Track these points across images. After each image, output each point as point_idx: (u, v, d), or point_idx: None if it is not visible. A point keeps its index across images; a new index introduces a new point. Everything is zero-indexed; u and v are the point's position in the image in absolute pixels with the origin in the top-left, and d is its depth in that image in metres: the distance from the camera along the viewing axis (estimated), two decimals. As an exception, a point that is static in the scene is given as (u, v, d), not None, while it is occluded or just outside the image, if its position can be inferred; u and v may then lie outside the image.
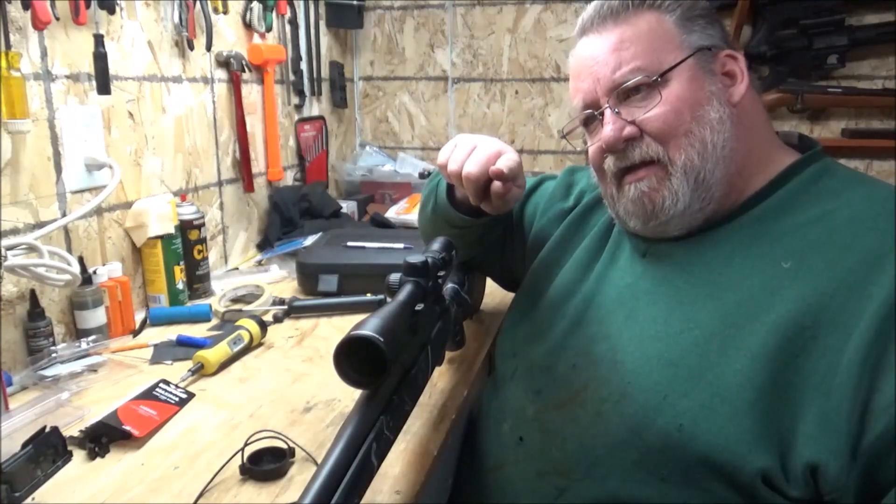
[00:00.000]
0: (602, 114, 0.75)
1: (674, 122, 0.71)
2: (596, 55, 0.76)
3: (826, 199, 0.70)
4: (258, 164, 1.61)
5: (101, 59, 1.08)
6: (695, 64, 0.73)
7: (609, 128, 0.74)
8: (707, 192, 0.72)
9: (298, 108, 1.82)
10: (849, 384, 0.57)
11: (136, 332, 1.14)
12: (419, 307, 0.64)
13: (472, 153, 0.83)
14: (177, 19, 1.28)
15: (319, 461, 0.51)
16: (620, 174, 0.76)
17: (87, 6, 1.05)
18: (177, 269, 1.24)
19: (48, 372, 0.94)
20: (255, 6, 1.55)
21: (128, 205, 1.21)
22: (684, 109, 0.71)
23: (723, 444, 0.61)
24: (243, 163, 1.53)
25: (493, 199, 0.83)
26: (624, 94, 0.74)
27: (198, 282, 1.30)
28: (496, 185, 0.81)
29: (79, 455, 0.77)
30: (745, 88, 0.74)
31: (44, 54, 1.01)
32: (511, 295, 1.01)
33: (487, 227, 0.97)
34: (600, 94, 0.75)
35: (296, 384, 0.95)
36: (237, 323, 1.08)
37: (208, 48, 1.38)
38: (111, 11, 1.10)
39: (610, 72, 0.74)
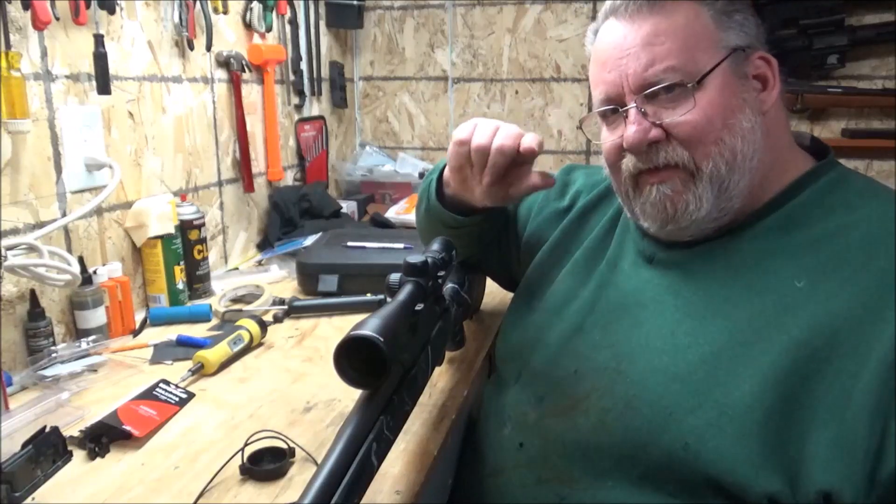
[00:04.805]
0: (626, 111, 0.71)
1: (705, 128, 0.68)
2: (626, 46, 0.70)
3: (840, 213, 0.68)
4: (258, 164, 1.61)
5: (101, 59, 1.08)
6: (728, 67, 0.69)
7: (633, 129, 0.70)
8: (728, 203, 0.70)
9: (298, 108, 1.82)
10: (865, 410, 0.55)
11: (136, 332, 1.13)
12: (419, 307, 0.64)
13: (498, 129, 0.81)
14: (177, 19, 1.28)
15: (319, 461, 0.51)
16: (638, 173, 0.73)
17: (87, 6, 1.05)
18: (177, 269, 1.24)
19: (48, 372, 0.94)
20: (255, 6, 1.55)
21: (128, 205, 1.21)
22: (716, 116, 0.68)
23: (729, 465, 0.59)
24: (243, 163, 1.53)
25: (525, 175, 0.82)
26: (652, 93, 0.69)
27: (198, 282, 1.30)
28: (528, 143, 0.79)
29: (79, 455, 0.77)
30: (776, 96, 0.72)
31: (44, 54, 1.01)
32: (511, 295, 1.01)
33: (483, 227, 0.95)
34: (627, 91, 0.70)
35: (296, 384, 0.95)
36: (237, 323, 1.08)
37: (208, 48, 1.38)
38: (111, 11, 1.10)
39: (641, 68, 0.69)
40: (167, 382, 0.91)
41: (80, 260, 1.06)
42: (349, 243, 1.42)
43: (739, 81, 0.70)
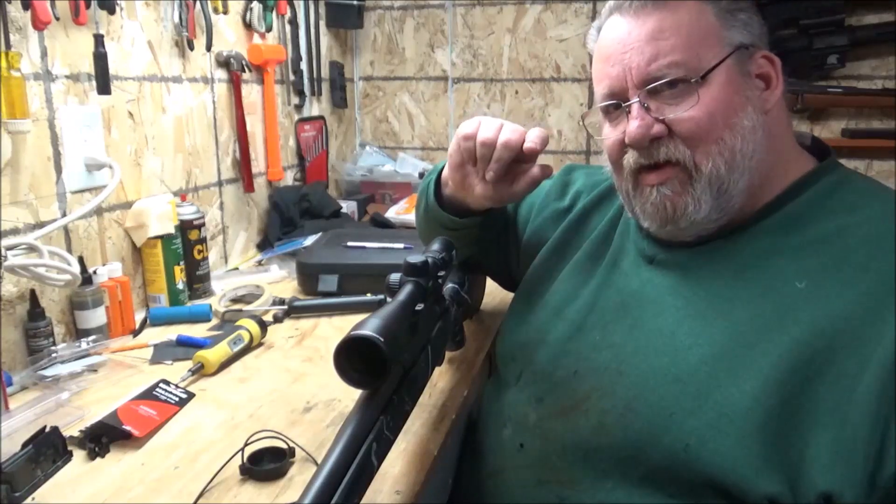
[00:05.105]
0: (629, 106, 0.71)
1: (706, 126, 0.68)
2: (630, 41, 0.70)
3: (841, 214, 0.68)
4: (258, 164, 1.61)
5: (101, 59, 1.08)
6: (732, 65, 0.69)
7: (636, 124, 0.70)
8: (728, 203, 0.70)
9: (298, 108, 1.82)
10: (866, 412, 0.55)
11: (136, 332, 1.13)
12: (419, 307, 0.64)
13: (503, 126, 0.81)
14: (177, 19, 1.28)
15: (319, 461, 0.51)
16: (639, 169, 0.73)
17: (87, 6, 1.05)
18: (177, 269, 1.24)
19: (48, 372, 0.94)
20: (255, 6, 1.55)
21: (128, 205, 1.21)
22: (718, 114, 0.68)
23: (730, 466, 0.59)
24: (243, 163, 1.53)
25: (524, 173, 0.83)
26: (655, 88, 0.69)
27: (198, 282, 1.30)
28: (533, 142, 0.80)
29: (79, 455, 0.77)
30: (779, 95, 0.72)
31: (44, 54, 1.01)
32: (511, 295, 1.01)
33: (482, 228, 0.95)
34: (630, 85, 0.70)
35: (296, 384, 0.95)
36: (237, 323, 1.08)
37: (208, 48, 1.38)
38: (111, 11, 1.10)
39: (645, 63, 0.69)
40: (167, 382, 0.91)
41: (80, 260, 1.06)
42: (349, 243, 1.42)
43: (743, 79, 0.70)
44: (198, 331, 1.14)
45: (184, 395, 0.89)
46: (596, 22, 0.77)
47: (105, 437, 0.78)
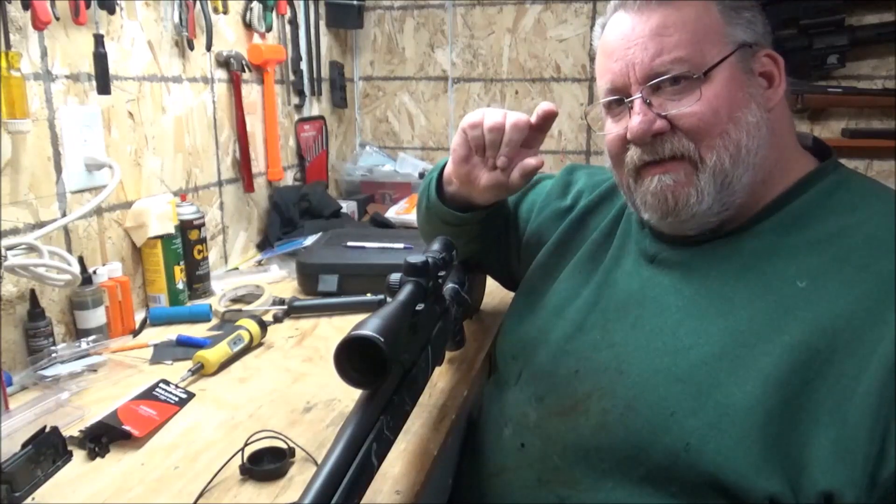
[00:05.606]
0: (632, 102, 0.71)
1: (711, 121, 0.68)
2: (633, 36, 0.70)
3: (842, 214, 0.68)
4: (258, 164, 1.61)
5: (101, 59, 1.08)
6: (735, 62, 0.69)
7: (638, 119, 0.70)
8: (730, 198, 0.70)
9: (298, 108, 1.82)
10: (866, 412, 0.55)
11: (136, 332, 1.13)
12: (419, 307, 0.64)
13: (507, 113, 0.84)
14: (177, 19, 1.28)
15: (319, 461, 0.51)
16: (643, 165, 0.73)
17: (87, 6, 1.05)
18: (177, 269, 1.24)
19: (48, 372, 0.94)
20: (255, 6, 1.55)
21: (128, 205, 1.20)
22: (722, 109, 0.68)
23: (730, 466, 0.59)
24: (243, 163, 1.53)
25: (531, 150, 0.85)
26: (658, 84, 0.69)
27: (198, 282, 1.30)
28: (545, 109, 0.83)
29: (79, 455, 0.77)
30: (782, 93, 0.72)
31: (44, 54, 1.01)
32: (511, 294, 1.01)
33: (483, 225, 0.95)
34: (633, 81, 0.70)
35: (296, 384, 0.95)
36: (237, 323, 1.08)
37: (208, 48, 1.38)
38: (111, 11, 1.10)
39: (649, 58, 0.69)
40: (167, 382, 0.91)
41: (80, 260, 1.06)
42: (349, 243, 1.42)
43: (746, 77, 0.70)
44: (198, 331, 1.14)
45: (184, 395, 0.89)
46: (601, 18, 0.77)
47: (105, 437, 0.78)
